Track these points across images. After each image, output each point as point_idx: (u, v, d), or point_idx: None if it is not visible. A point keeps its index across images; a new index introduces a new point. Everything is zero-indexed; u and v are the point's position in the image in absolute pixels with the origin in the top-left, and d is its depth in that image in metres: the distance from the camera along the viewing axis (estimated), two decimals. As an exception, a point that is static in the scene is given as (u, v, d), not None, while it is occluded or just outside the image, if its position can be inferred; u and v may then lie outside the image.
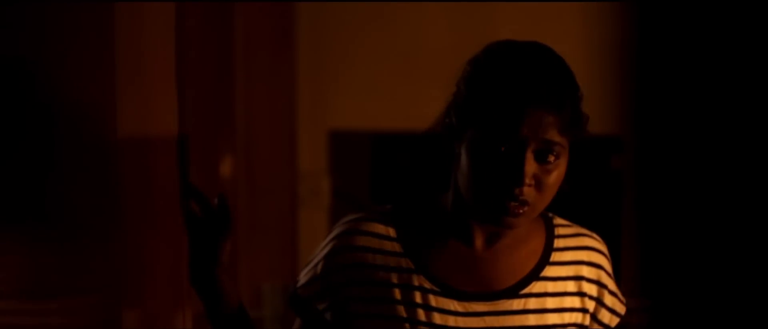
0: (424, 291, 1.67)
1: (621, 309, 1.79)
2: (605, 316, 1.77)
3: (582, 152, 1.80)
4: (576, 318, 1.73)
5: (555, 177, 1.62)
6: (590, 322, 1.75)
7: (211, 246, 1.68)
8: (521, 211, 1.60)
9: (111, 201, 1.43)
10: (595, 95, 3.39)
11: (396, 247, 1.69)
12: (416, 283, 1.67)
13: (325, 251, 1.72)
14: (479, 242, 1.69)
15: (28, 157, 1.27)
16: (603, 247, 1.79)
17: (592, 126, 1.84)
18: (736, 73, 1.26)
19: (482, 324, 1.67)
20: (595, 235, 1.81)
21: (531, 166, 1.59)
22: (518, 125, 1.57)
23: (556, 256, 1.74)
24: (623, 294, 1.80)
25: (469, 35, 1.85)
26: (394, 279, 1.67)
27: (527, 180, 1.58)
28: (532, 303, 1.69)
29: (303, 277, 1.75)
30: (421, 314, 1.66)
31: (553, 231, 1.76)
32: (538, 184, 1.61)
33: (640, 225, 1.46)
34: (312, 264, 1.74)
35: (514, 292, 1.69)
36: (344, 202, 3.67)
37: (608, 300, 1.77)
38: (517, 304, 1.69)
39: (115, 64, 1.41)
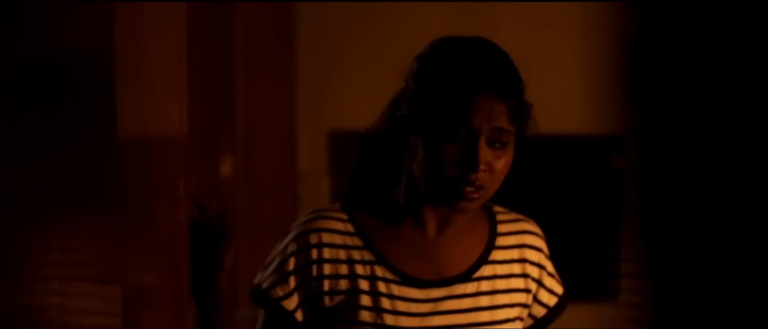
0: (388, 281, 1.76)
1: (559, 289, 1.91)
2: (544, 296, 1.89)
3: (582, 152, 1.86)
4: (521, 298, 1.85)
5: (504, 162, 1.72)
6: (532, 302, 1.88)
7: (213, 251, 1.73)
8: (476, 196, 1.71)
9: (111, 201, 1.43)
10: (595, 95, 3.39)
11: (357, 241, 1.77)
12: (380, 274, 1.76)
13: (292, 249, 1.77)
14: (431, 230, 1.79)
15: (29, 157, 1.27)
16: (540, 231, 1.91)
17: (592, 126, 1.93)
18: (735, 73, 1.26)
19: (441, 308, 1.77)
20: (531, 220, 1.92)
21: (485, 153, 1.69)
22: (471, 115, 1.67)
23: (500, 241, 1.85)
24: (622, 292, 1.86)
25: (469, 35, 1.87)
26: (359, 271, 1.76)
27: (482, 167, 1.68)
28: (485, 286, 1.81)
29: (268, 278, 1.78)
30: (387, 303, 1.75)
31: (494, 218, 1.87)
32: (490, 170, 1.71)
33: (640, 224, 1.46)
34: (276, 265, 1.78)
35: (467, 276, 1.80)
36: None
37: (547, 281, 1.89)
38: (470, 288, 1.80)
39: (115, 64, 1.41)
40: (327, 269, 1.75)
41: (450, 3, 3.72)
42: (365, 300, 1.74)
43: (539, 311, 1.88)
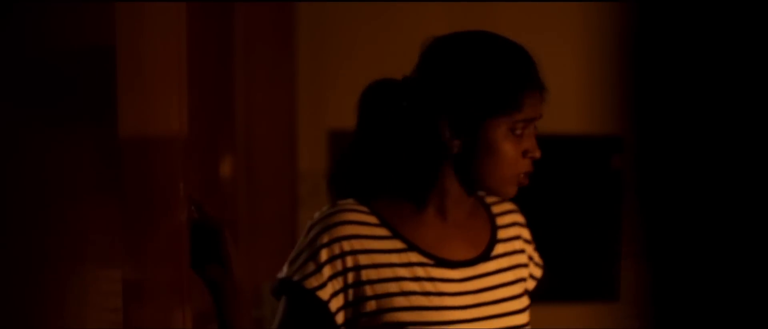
0: (425, 265, 1.82)
1: (540, 261, 2.04)
2: (534, 269, 2.02)
3: (582, 152, 1.93)
4: (524, 273, 1.98)
5: None
6: (527, 277, 2.00)
7: (214, 247, 1.75)
8: (527, 181, 1.84)
9: (113, 199, 1.44)
10: (595, 95, 3.39)
11: (385, 232, 1.82)
12: (415, 260, 1.82)
13: (322, 242, 1.80)
14: (451, 216, 1.87)
15: (28, 160, 1.27)
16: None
17: (592, 126, 2.03)
18: (736, 72, 1.26)
19: (471, 287, 1.86)
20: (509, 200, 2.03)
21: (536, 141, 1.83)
22: (532, 108, 1.80)
23: (499, 221, 1.97)
24: (622, 292, 1.95)
25: (471, 30, 1.89)
26: (395, 259, 1.81)
27: (538, 154, 1.82)
28: (503, 263, 1.92)
29: (299, 271, 1.81)
30: (430, 286, 1.81)
31: (484, 201, 1.97)
32: None
33: (640, 225, 1.46)
34: (305, 258, 1.81)
35: (487, 256, 1.90)
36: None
37: (535, 256, 2.02)
38: (491, 266, 1.90)
39: (117, 64, 1.41)
40: (363, 260, 1.79)
41: (450, 3, 3.73)
42: (412, 286, 1.80)
43: (531, 284, 1.99)
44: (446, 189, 1.85)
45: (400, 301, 1.79)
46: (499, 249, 1.93)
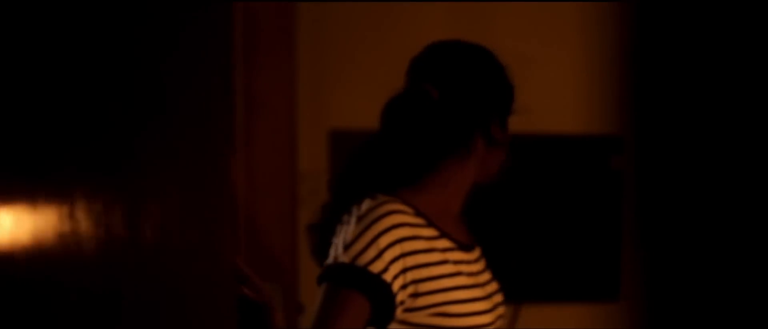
0: (453, 250, 1.98)
1: None
2: None
3: (582, 152, 1.94)
4: None
5: None
6: None
7: (263, 319, 1.83)
8: None
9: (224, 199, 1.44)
10: (595, 95, 3.40)
11: (422, 221, 1.96)
12: (448, 245, 1.98)
13: (380, 229, 1.90)
14: (460, 206, 2.05)
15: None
16: None
17: (592, 126, 2.04)
18: (734, 73, 1.26)
19: (481, 267, 2.05)
20: None
21: None
22: None
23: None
24: (622, 292, 2.02)
25: (469, 35, 1.90)
26: (436, 245, 1.95)
27: None
28: (480, 249, 2.11)
29: (359, 257, 1.89)
30: (462, 267, 1.97)
31: None
32: None
33: (640, 225, 1.47)
34: (364, 245, 1.89)
35: (474, 242, 2.09)
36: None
37: None
38: (479, 250, 2.09)
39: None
40: (415, 246, 1.91)
41: (450, 3, 3.73)
42: (453, 268, 1.95)
43: None
44: (470, 180, 2.04)
45: (449, 282, 1.93)
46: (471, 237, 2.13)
